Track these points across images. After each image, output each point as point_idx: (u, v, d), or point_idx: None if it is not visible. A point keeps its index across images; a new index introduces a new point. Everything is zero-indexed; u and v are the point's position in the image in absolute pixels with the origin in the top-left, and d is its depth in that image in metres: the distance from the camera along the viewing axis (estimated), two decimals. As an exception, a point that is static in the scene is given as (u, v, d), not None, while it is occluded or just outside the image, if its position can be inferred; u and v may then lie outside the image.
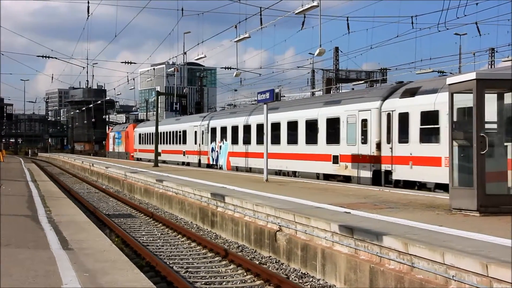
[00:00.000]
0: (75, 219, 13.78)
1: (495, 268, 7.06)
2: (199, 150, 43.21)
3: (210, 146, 40.76)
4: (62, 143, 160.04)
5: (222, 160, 38.59)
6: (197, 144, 43.65)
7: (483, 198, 11.68)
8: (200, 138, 43.12)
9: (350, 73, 74.57)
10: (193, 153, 44.48)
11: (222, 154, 38.68)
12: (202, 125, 42.82)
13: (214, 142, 40.04)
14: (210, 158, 40.89)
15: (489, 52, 56.71)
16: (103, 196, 28.81)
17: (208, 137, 41.31)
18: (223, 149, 38.58)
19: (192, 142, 44.75)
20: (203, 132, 42.31)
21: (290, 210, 12.95)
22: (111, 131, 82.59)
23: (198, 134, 43.55)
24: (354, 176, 24.58)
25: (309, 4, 24.57)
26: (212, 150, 40.59)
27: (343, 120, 25.59)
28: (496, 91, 12.40)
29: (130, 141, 66.75)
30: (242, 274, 11.49)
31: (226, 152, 37.89)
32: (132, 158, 64.06)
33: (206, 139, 41.63)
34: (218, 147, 39.32)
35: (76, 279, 7.37)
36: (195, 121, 45.53)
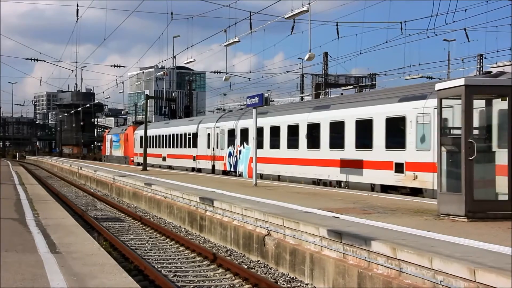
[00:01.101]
0: (63, 222, 13.71)
1: (483, 273, 7.10)
2: (213, 154, 38.86)
3: (227, 150, 36.38)
4: (50, 146, 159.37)
5: (242, 166, 34.22)
6: (210, 148, 39.25)
7: (471, 203, 11.74)
8: (214, 141, 38.75)
9: (339, 78, 74.82)
10: (205, 158, 39.99)
11: (243, 160, 34.27)
12: (217, 126, 38.35)
13: (232, 146, 35.69)
14: (227, 164, 36.46)
15: (478, 58, 57.08)
16: (91, 200, 28.70)
17: (224, 140, 36.86)
18: (243, 154, 34.27)
19: (204, 145, 40.34)
20: (218, 134, 37.99)
21: (279, 214, 12.96)
22: (108, 133, 77.15)
23: (212, 137, 39.12)
24: (427, 189, 19.75)
25: (299, 9, 24.66)
26: (229, 155, 36.17)
27: (411, 120, 20.81)
28: (484, 97, 12.48)
29: (129, 144, 62.16)
30: (231, 279, 11.48)
31: (248, 158, 33.28)
32: (132, 162, 59.72)
33: (222, 143, 37.19)
34: (237, 151, 35.04)
35: (64, 283, 7.34)
36: (208, 122, 40.96)
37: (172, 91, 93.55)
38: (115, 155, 67.96)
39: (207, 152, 39.72)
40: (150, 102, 74.08)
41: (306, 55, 27.41)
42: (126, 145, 63.41)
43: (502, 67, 41.14)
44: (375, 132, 22.71)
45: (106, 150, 74.48)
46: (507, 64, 43.61)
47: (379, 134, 22.47)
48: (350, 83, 71.86)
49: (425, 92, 20.65)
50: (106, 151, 74.49)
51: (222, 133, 37.27)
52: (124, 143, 64.17)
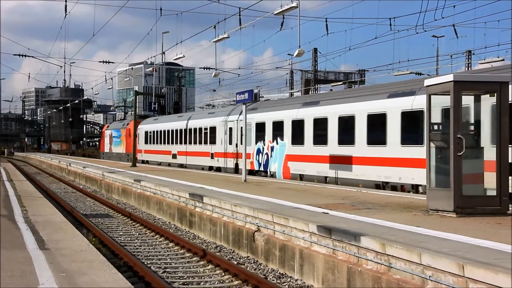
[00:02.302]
0: (52, 219, 13.66)
1: (471, 268, 7.13)
2: (235, 151, 33.95)
3: (255, 146, 31.35)
4: (38, 142, 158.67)
5: (276, 166, 29.26)
6: (232, 145, 34.36)
7: (459, 199, 11.80)
8: (237, 136, 33.78)
9: (329, 74, 74.87)
10: (226, 156, 35.23)
11: (275, 158, 29.33)
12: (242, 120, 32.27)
13: (262, 141, 30.71)
14: (255, 162, 31.49)
15: (466, 54, 57.28)
16: (80, 196, 28.60)
17: (251, 135, 31.68)
18: (276, 151, 29.27)
19: (224, 141, 35.50)
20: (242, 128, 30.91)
21: (269, 210, 12.97)
22: (107, 128, 69.86)
23: (235, 131, 34.15)
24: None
25: (288, 5, 24.66)
26: (258, 152, 31.27)
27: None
28: (473, 93, 12.53)
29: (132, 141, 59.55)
30: (220, 274, 11.48)
31: (283, 155, 28.52)
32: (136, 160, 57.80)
33: (249, 138, 31.12)
34: (269, 148, 30.05)
35: (52, 279, 7.31)
36: (229, 115, 35.86)
37: (161, 87, 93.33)
38: (116, 152, 62.54)
39: (228, 148, 35.05)
40: (139, 98, 73.70)
41: (296, 51, 27.43)
42: (128, 141, 57.79)
43: (490, 63, 41.32)
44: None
45: (105, 147, 68.35)
46: (495, 60, 43.79)
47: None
48: (340, 79, 71.93)
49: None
50: (105, 148, 68.30)
51: (248, 127, 31.40)
52: (126, 138, 58.99)
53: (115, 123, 70.80)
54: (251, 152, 31.28)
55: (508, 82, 12.16)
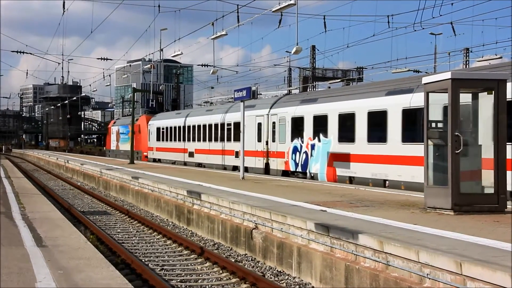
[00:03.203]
0: (49, 216, 13.64)
1: (469, 266, 7.13)
2: (266, 149, 30.30)
3: (291, 144, 27.78)
4: (36, 139, 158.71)
5: (317, 166, 25.59)
6: (262, 142, 30.70)
7: (457, 197, 11.80)
8: (268, 132, 30.21)
9: (327, 71, 74.88)
10: (254, 155, 31.23)
11: (317, 157, 25.62)
12: (274, 114, 29.79)
13: (300, 138, 27.13)
14: (291, 162, 27.79)
15: (464, 52, 57.30)
16: (78, 193, 28.58)
17: (286, 131, 28.34)
18: (318, 149, 25.62)
19: (251, 138, 30.96)
20: (276, 124, 29.52)
21: (266, 208, 12.97)
22: (114, 124, 65.43)
23: (264, 127, 30.60)
24: None
25: (286, 2, 24.64)
26: (294, 151, 27.56)
27: None
28: (470, 91, 12.53)
29: (142, 137, 53.08)
30: (218, 272, 11.48)
31: (326, 154, 25.03)
32: (146, 158, 51.38)
33: (282, 135, 28.66)
34: (308, 146, 26.41)
35: (50, 277, 7.30)
36: (258, 109, 31.86)
37: (159, 84, 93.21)
38: (124, 150, 57.71)
39: (256, 146, 31.20)
40: (138, 95, 73.42)
41: (294, 49, 27.41)
42: (137, 137, 53.27)
43: (488, 60, 41.38)
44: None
45: (112, 144, 63.97)
46: (493, 58, 43.85)
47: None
48: (338, 76, 71.97)
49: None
50: (112, 145, 63.99)
51: (282, 122, 28.76)
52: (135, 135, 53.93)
53: (123, 119, 66.59)
54: (286, 150, 28.22)
55: (506, 80, 12.16)
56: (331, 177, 24.45)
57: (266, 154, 30.27)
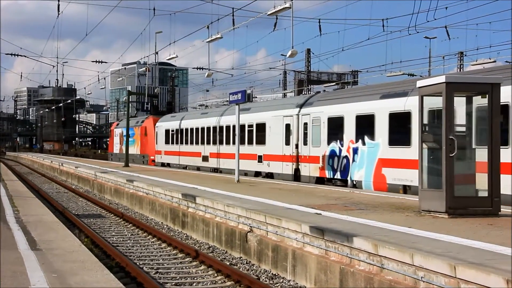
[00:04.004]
0: (43, 219, 13.61)
1: (463, 269, 7.15)
2: (295, 154, 27.17)
3: (328, 148, 24.68)
4: (31, 142, 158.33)
5: (361, 173, 22.54)
6: (290, 145, 27.60)
7: (451, 200, 11.83)
8: (298, 134, 27.15)
9: (322, 74, 74.95)
10: (281, 159, 28.35)
11: (361, 163, 22.55)
12: (306, 113, 26.64)
13: (339, 141, 23.99)
14: (327, 168, 24.74)
15: (458, 55, 57.46)
16: (72, 196, 28.53)
17: (321, 133, 25.28)
18: (363, 154, 22.52)
19: (278, 141, 28.55)
20: (308, 125, 26.33)
21: (261, 211, 12.97)
22: (117, 126, 60.84)
23: (293, 129, 27.47)
24: None
25: (281, 6, 24.68)
26: (331, 155, 24.46)
27: None
28: (465, 94, 12.57)
29: (149, 140, 49.71)
30: (213, 275, 11.47)
31: (373, 160, 21.84)
32: (153, 162, 48.25)
33: (316, 137, 25.64)
34: (350, 150, 23.30)
35: (44, 280, 7.28)
36: (285, 108, 28.91)
37: (154, 87, 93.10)
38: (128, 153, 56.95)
39: (284, 150, 28.16)
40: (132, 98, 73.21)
41: (289, 52, 27.48)
42: (143, 141, 50.92)
43: (482, 64, 41.49)
44: None
45: (115, 147, 60.28)
46: (486, 62, 43.97)
47: None
48: (333, 79, 72.04)
49: None
50: (115, 148, 60.26)
51: (316, 123, 25.73)
52: (141, 138, 51.88)
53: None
54: (321, 155, 25.09)
55: (500, 84, 12.20)
56: (379, 186, 21.37)
57: (296, 159, 27.14)
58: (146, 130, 50.50)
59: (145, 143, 50.37)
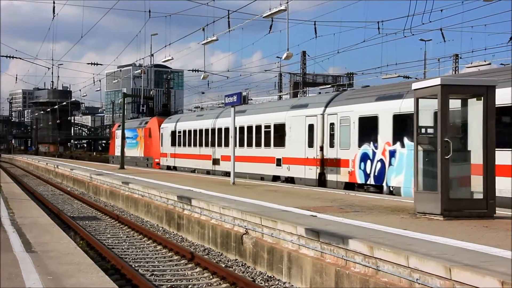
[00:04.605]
0: (39, 221, 13.59)
1: (458, 271, 7.16)
2: (320, 157, 25.17)
3: (360, 150, 22.56)
4: (26, 144, 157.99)
5: (400, 178, 20.35)
6: (314, 147, 25.58)
7: (447, 202, 11.85)
8: (324, 136, 25.06)
9: (317, 77, 75.05)
10: (304, 163, 26.20)
11: (400, 167, 20.40)
12: (332, 113, 24.61)
13: (372, 143, 21.94)
14: (359, 172, 22.56)
15: (453, 58, 57.61)
16: (67, 198, 28.48)
17: (350, 134, 23.20)
18: (401, 157, 20.35)
19: (300, 143, 26.54)
20: (335, 125, 24.32)
21: (257, 213, 12.97)
22: (118, 128, 56.62)
23: (318, 130, 25.47)
24: None
25: (277, 8, 24.71)
26: (363, 159, 22.32)
27: None
28: (460, 96, 12.60)
29: (154, 142, 47.46)
30: (208, 277, 11.47)
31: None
32: (158, 166, 45.78)
33: (345, 138, 23.62)
34: (385, 153, 21.17)
35: (39, 282, 7.27)
36: (307, 108, 26.87)
37: (150, 89, 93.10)
38: (130, 156, 51.65)
39: (307, 153, 26.08)
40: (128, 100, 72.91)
41: (284, 54, 27.51)
42: (147, 142, 48.53)
43: (477, 67, 41.61)
44: None
45: (116, 149, 56.30)
46: (482, 64, 44.10)
47: None
48: (328, 82, 72.12)
49: None
50: (116, 150, 56.20)
51: (344, 123, 23.68)
52: (145, 140, 49.51)
53: (129, 122, 58.44)
54: (351, 158, 22.99)
55: (495, 86, 12.23)
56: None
57: (321, 162, 25.06)
58: (150, 132, 48.25)
59: (149, 145, 48.21)
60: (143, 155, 49.73)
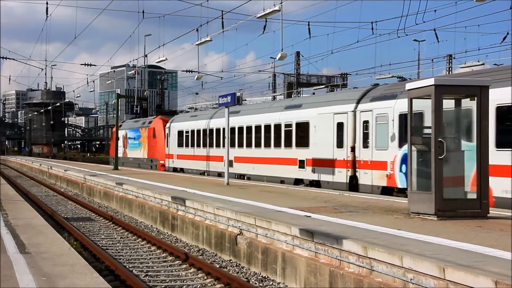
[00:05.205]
0: (32, 222, 13.56)
1: (452, 271, 7.18)
2: (351, 158, 22.86)
3: (400, 151, 20.03)
4: (19, 145, 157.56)
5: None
6: (344, 148, 23.34)
7: (440, 202, 11.88)
8: (356, 135, 22.80)
9: (311, 77, 75.15)
10: (333, 164, 23.92)
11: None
12: (367, 109, 22.28)
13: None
14: (399, 176, 20.16)
15: (447, 58, 57.76)
16: (61, 199, 28.41)
17: (388, 133, 20.93)
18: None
19: (327, 143, 24.24)
20: (370, 123, 22.01)
21: (251, 213, 12.97)
22: (120, 128, 52.64)
23: (348, 128, 23.15)
24: None
25: (271, 9, 24.73)
26: (405, 160, 18.59)
27: None
28: (453, 97, 12.64)
29: (158, 143, 44.94)
30: (203, 278, 11.46)
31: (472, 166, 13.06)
32: (162, 167, 43.60)
33: (383, 138, 21.19)
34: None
35: (33, 283, 7.26)
36: (336, 104, 24.58)
37: (143, 90, 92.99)
38: (133, 157, 50.35)
39: (335, 154, 23.82)
40: (122, 101, 72.71)
41: (278, 55, 27.49)
42: (152, 143, 46.07)
43: (470, 67, 41.73)
44: None
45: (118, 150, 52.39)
46: (475, 65, 44.24)
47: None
48: (322, 82, 72.23)
49: None
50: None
51: (381, 121, 21.36)
52: (149, 140, 46.88)
53: (131, 122, 56.28)
54: (390, 160, 20.73)
55: (488, 86, 12.27)
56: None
57: (352, 164, 22.87)
58: (154, 132, 45.49)
59: (154, 146, 45.49)
60: (147, 157, 47.33)
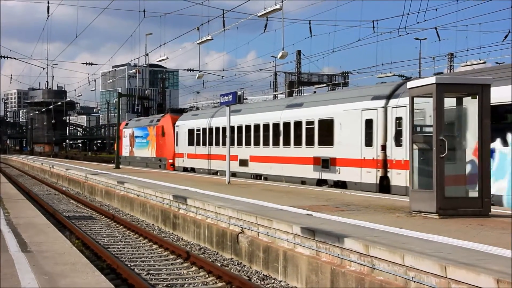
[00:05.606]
0: (34, 221, 13.56)
1: (453, 269, 7.18)
2: (382, 158, 21.35)
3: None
4: (21, 144, 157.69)
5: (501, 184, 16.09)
6: (373, 146, 21.83)
7: (442, 200, 11.87)
8: (385, 133, 21.30)
9: (312, 76, 75.12)
10: (360, 164, 22.38)
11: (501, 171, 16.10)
12: (399, 105, 20.56)
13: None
14: None
15: (448, 57, 57.71)
16: (63, 198, 28.43)
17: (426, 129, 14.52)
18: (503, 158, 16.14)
19: (354, 141, 22.67)
20: (401, 120, 20.44)
21: (252, 212, 12.97)
22: (126, 126, 53.66)
23: (378, 125, 21.63)
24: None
25: (272, 7, 24.71)
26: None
27: None
28: (455, 95, 12.63)
29: (167, 141, 43.29)
30: (204, 276, 11.47)
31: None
32: (172, 167, 42.14)
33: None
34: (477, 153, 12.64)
35: (35, 282, 7.25)
36: (363, 100, 22.82)
37: (145, 89, 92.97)
38: (141, 156, 49.01)
39: (363, 153, 22.30)
40: (123, 100, 72.68)
41: (279, 53, 27.46)
42: (160, 142, 44.74)
43: (472, 65, 41.68)
44: None
45: (124, 149, 53.15)
46: (477, 63, 44.18)
47: None
48: (323, 81, 72.19)
49: None
50: (124, 151, 53.06)
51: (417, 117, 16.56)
52: (157, 139, 45.39)
53: (136, 120, 54.67)
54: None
55: (490, 85, 12.25)
56: None
57: (383, 164, 21.31)
58: (163, 130, 43.87)
59: (162, 145, 43.98)
60: (155, 156, 45.82)
